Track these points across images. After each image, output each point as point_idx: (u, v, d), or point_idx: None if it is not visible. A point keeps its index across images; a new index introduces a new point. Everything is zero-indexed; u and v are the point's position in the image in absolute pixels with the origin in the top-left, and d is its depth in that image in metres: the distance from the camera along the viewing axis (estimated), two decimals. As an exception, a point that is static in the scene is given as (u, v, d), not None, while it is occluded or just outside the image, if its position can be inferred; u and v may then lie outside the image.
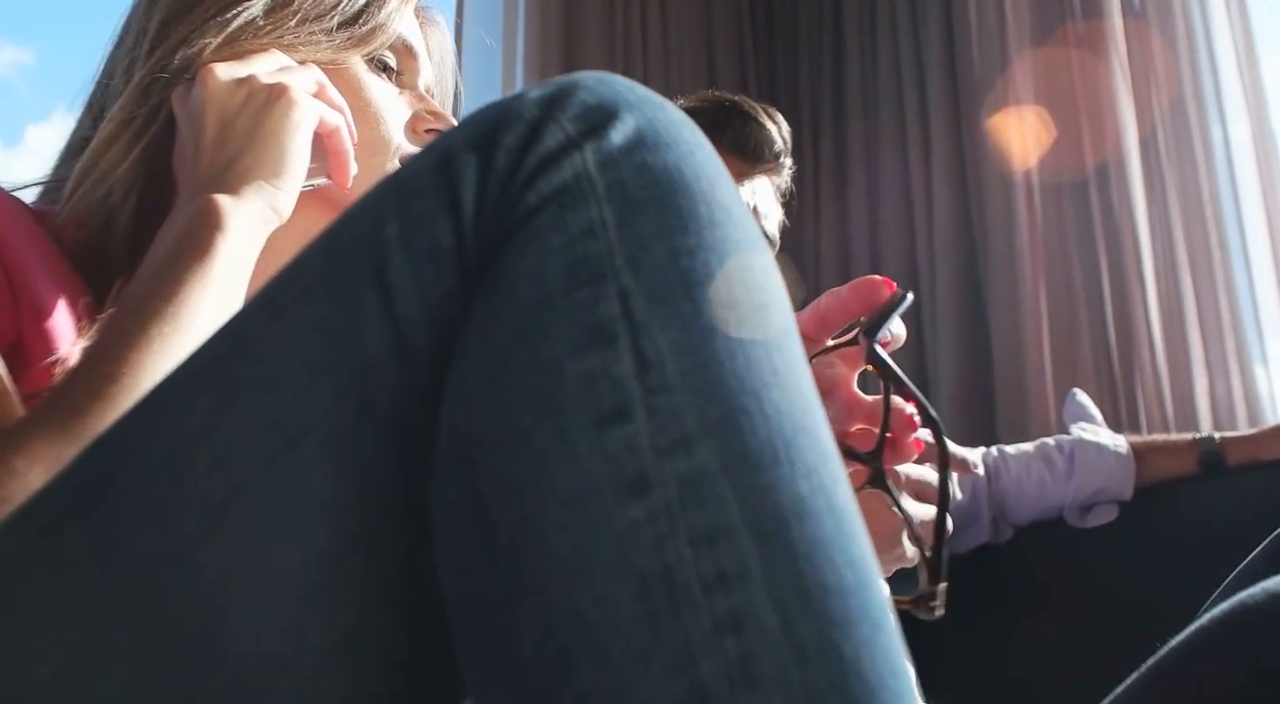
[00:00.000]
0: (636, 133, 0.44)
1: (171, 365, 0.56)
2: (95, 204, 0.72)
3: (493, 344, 0.41)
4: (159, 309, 0.59)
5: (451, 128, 0.47)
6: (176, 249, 0.63)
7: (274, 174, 0.69)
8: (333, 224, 0.46)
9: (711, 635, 0.35)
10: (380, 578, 0.42)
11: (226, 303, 0.63)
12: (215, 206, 0.65)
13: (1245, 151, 2.12)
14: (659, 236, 0.42)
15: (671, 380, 0.39)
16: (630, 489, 0.37)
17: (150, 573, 0.40)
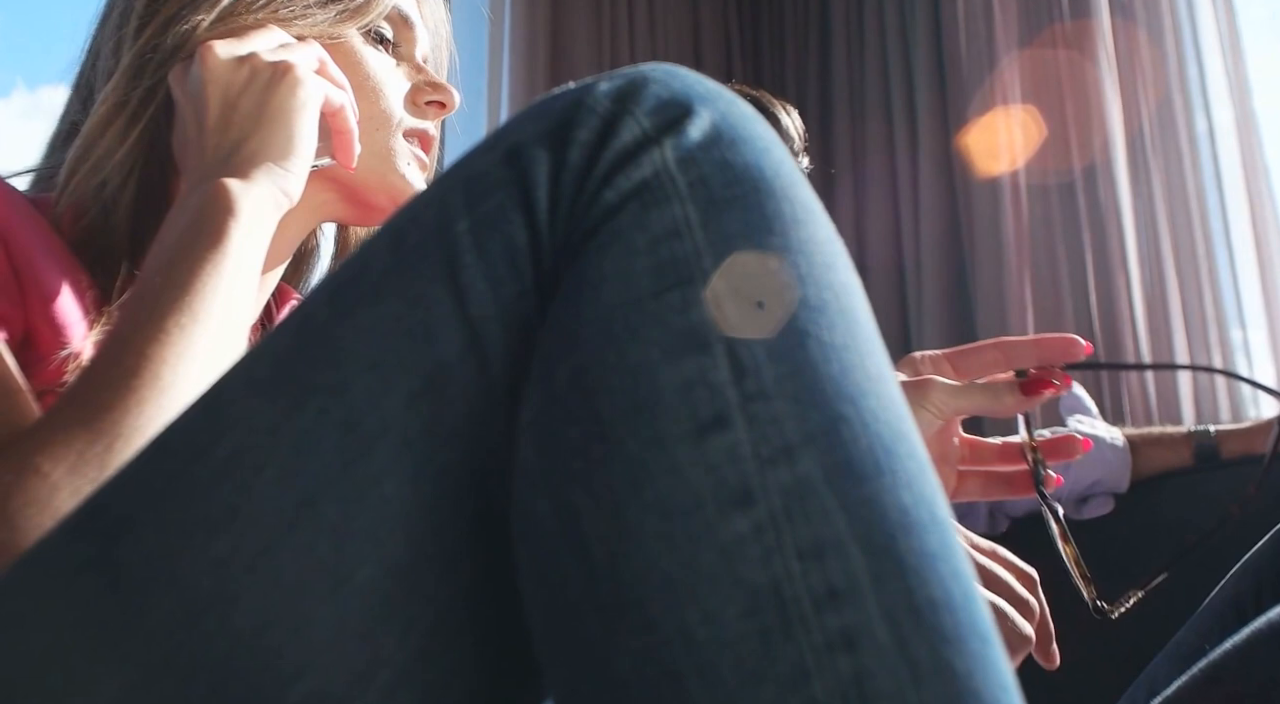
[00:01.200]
0: (713, 128, 0.43)
1: (192, 357, 0.55)
2: (93, 191, 0.70)
3: (577, 348, 0.39)
4: (175, 300, 0.57)
5: (514, 120, 0.45)
6: (188, 236, 0.61)
7: (282, 156, 0.67)
8: (394, 219, 0.44)
9: (824, 653, 0.34)
10: (455, 589, 0.41)
11: (242, 290, 0.61)
12: (225, 191, 0.63)
13: (1230, 147, 2.13)
14: (745, 237, 0.41)
15: (769, 387, 0.38)
16: (734, 501, 0.36)
17: (221, 584, 0.38)
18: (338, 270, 0.44)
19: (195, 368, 0.56)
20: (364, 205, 0.79)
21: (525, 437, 0.40)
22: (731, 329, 0.39)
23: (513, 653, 0.42)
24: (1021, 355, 0.71)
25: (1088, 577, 0.66)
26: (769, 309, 0.39)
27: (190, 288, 0.58)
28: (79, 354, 0.64)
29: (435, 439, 0.40)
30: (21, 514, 0.49)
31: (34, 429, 0.53)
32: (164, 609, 0.38)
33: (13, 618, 0.39)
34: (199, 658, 0.38)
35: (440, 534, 0.40)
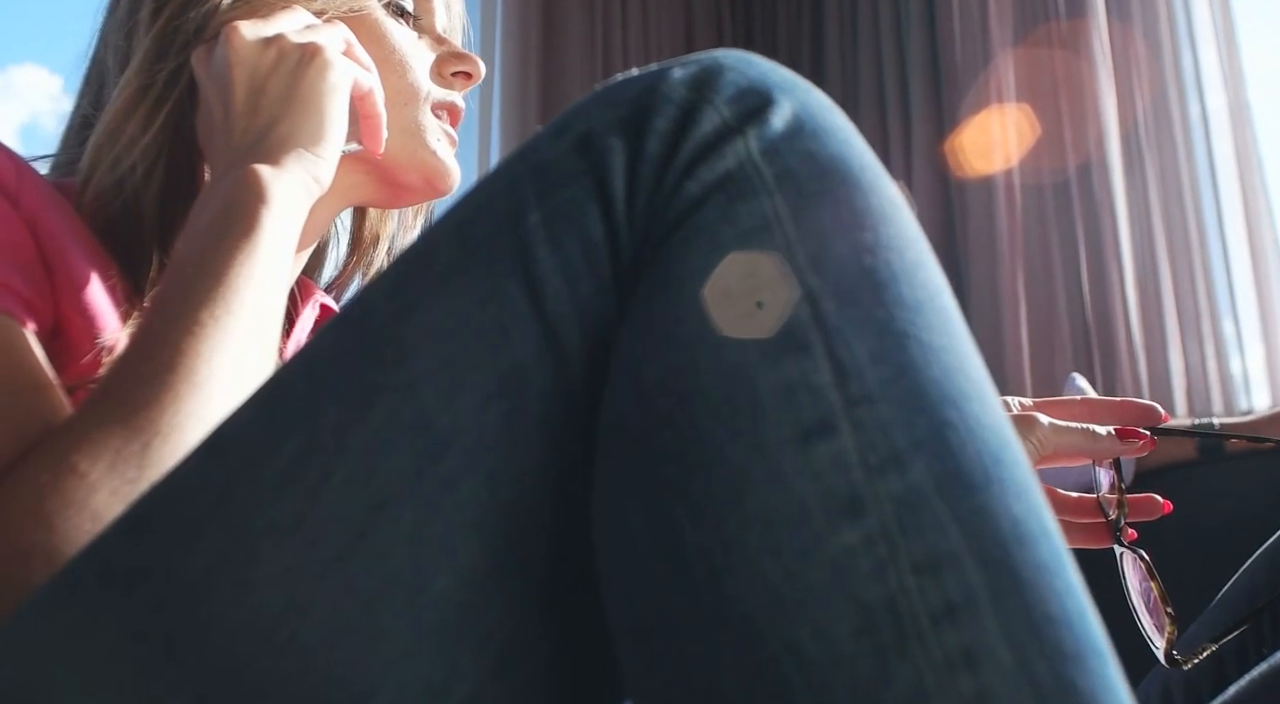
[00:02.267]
0: (795, 118, 0.41)
1: (226, 350, 0.53)
2: (118, 179, 0.67)
3: (666, 348, 0.38)
4: (209, 291, 0.55)
5: (581, 106, 0.43)
6: (220, 225, 0.58)
7: (314, 141, 0.64)
8: (455, 210, 0.42)
9: (944, 672, 0.33)
10: (531, 599, 0.39)
11: (275, 280, 0.59)
12: (257, 178, 0.60)
13: (1224, 143, 2.13)
14: (838, 233, 0.39)
15: (873, 390, 0.36)
16: (843, 511, 0.34)
17: (291, 594, 0.36)
18: (397, 263, 0.42)
19: (230, 361, 0.54)
20: (395, 185, 0.76)
21: (608, 441, 0.38)
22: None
23: (588, 666, 0.40)
24: (1104, 413, 0.76)
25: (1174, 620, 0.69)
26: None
27: (223, 279, 0.56)
28: (112, 347, 0.61)
29: (511, 442, 0.39)
30: (60, 516, 0.47)
31: (68, 426, 0.51)
32: (229, 621, 0.36)
33: (61, 634, 0.37)
34: (268, 674, 0.36)
35: (516, 542, 0.39)
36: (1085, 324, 2.18)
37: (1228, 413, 2.10)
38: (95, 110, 0.72)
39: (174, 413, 0.51)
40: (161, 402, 0.51)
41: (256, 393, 0.41)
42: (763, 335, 0.37)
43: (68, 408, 0.56)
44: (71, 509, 0.47)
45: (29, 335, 0.57)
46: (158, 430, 0.50)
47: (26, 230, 0.60)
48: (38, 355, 0.56)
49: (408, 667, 0.37)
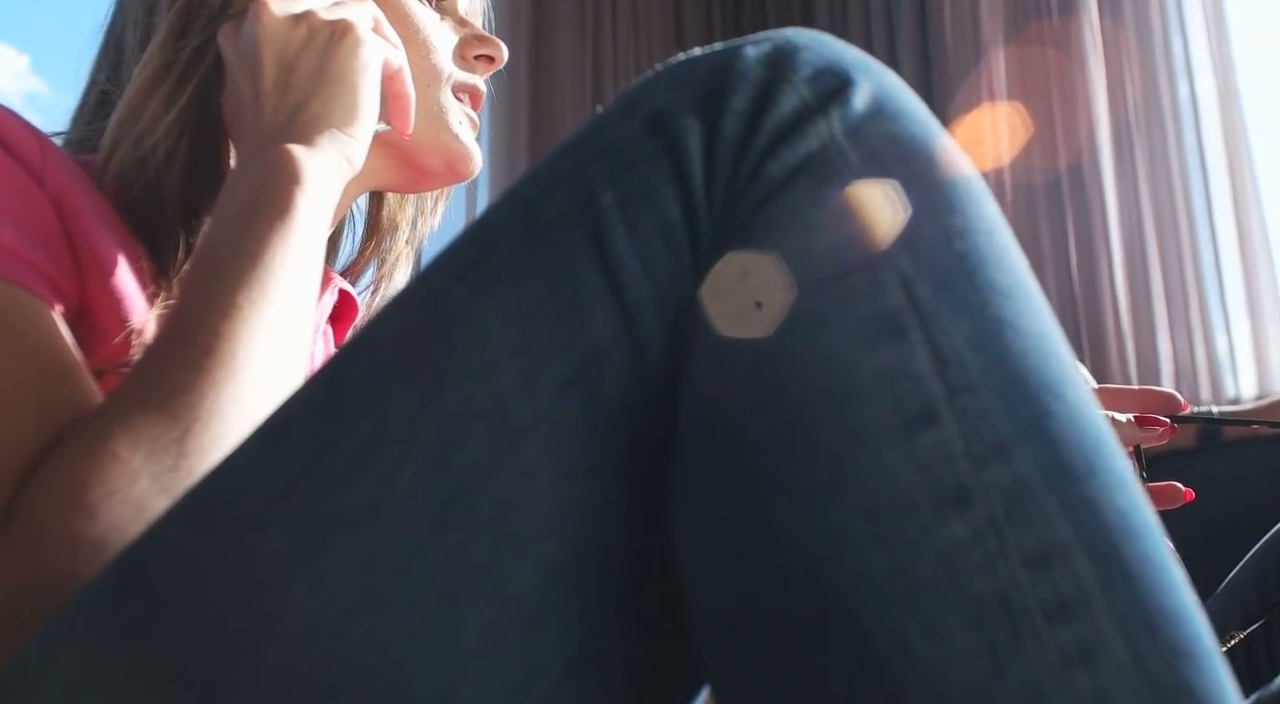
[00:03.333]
0: (875, 100, 0.40)
1: (264, 334, 0.52)
2: (141, 159, 0.65)
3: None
4: (244, 274, 0.54)
5: (647, 84, 0.42)
6: (253, 206, 0.57)
7: (346, 121, 0.62)
8: (518, 191, 0.41)
9: (1059, 670, 0.32)
10: (610, 592, 0.38)
11: (310, 263, 0.57)
12: (290, 158, 0.59)
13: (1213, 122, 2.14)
14: (927, 216, 0.38)
15: (974, 378, 0.35)
16: (949, 503, 0.33)
17: (367, 588, 0.35)
18: (459, 245, 0.41)
19: (267, 344, 0.52)
20: (415, 169, 0.74)
21: (692, 429, 0.37)
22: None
23: (664, 661, 0.39)
24: (1125, 401, 0.78)
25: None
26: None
27: (258, 261, 0.54)
28: (141, 331, 0.60)
29: (589, 430, 0.37)
30: (104, 504, 0.45)
31: (103, 412, 0.49)
32: (303, 615, 0.35)
33: (125, 630, 0.36)
34: (346, 669, 0.35)
35: (595, 533, 0.37)
36: (1074, 311, 2.19)
37: (1215, 400, 2.11)
38: (112, 86, 0.70)
39: (213, 398, 0.49)
40: (200, 387, 0.49)
41: (316, 378, 0.40)
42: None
43: (97, 392, 0.54)
44: (116, 498, 0.46)
45: (57, 317, 0.55)
46: (197, 416, 0.48)
47: (52, 209, 0.58)
48: (66, 338, 0.54)
49: (488, 664, 0.35)
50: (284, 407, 0.39)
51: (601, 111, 0.42)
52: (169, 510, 0.38)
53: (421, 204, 0.86)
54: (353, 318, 0.82)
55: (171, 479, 0.46)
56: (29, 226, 0.56)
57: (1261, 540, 1.11)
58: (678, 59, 0.43)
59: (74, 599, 0.37)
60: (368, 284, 0.86)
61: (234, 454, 0.39)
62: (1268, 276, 2.09)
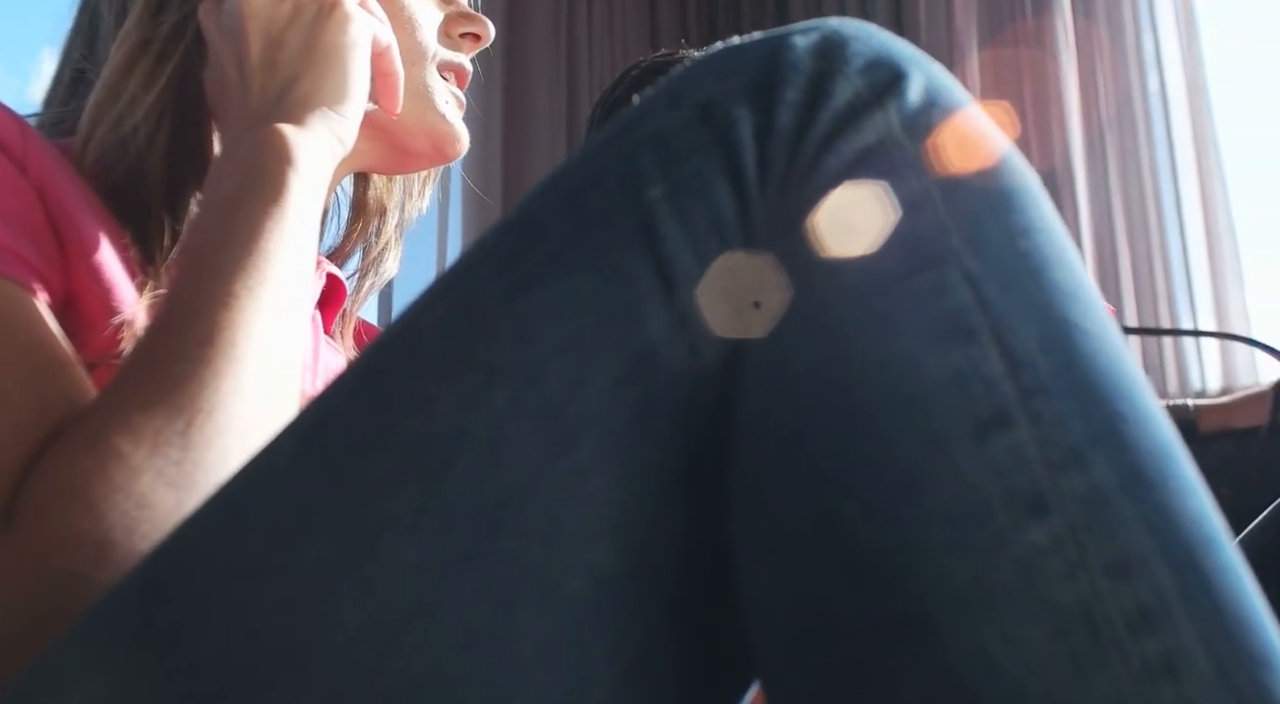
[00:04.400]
0: (928, 93, 0.39)
1: (263, 322, 0.50)
2: (121, 141, 0.62)
3: (818, 334, 0.35)
4: (239, 260, 0.51)
5: (692, 73, 0.40)
6: (245, 189, 0.54)
7: (337, 99, 0.60)
8: (559, 180, 0.39)
9: (1143, 682, 0.31)
10: (663, 599, 0.36)
11: (305, 245, 0.55)
12: (281, 138, 0.56)
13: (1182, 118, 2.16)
14: (989, 213, 0.37)
15: (1046, 381, 0.34)
16: (1027, 509, 0.32)
17: (418, 594, 0.34)
18: (498, 236, 0.39)
19: (266, 332, 0.50)
20: (402, 150, 0.72)
21: (751, 432, 0.36)
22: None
23: (713, 668, 0.38)
24: None
25: None
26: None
27: (254, 246, 0.52)
28: (132, 322, 0.57)
29: (643, 431, 0.36)
30: (107, 502, 0.43)
31: (103, 407, 0.47)
32: (351, 624, 0.33)
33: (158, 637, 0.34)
34: (396, 681, 0.33)
35: (647, 538, 0.36)
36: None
37: (1182, 393, 2.13)
38: (88, 63, 0.67)
39: (214, 390, 0.47)
40: (201, 378, 0.47)
41: (351, 376, 0.38)
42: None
43: (91, 387, 0.52)
44: (119, 495, 0.44)
45: (46, 311, 0.52)
46: (199, 408, 0.46)
47: (35, 196, 0.55)
48: (57, 332, 0.52)
49: (542, 673, 0.34)
50: (317, 405, 0.37)
51: (642, 100, 0.41)
52: (195, 515, 0.36)
53: (409, 186, 0.83)
54: (340, 302, 0.80)
55: (177, 473, 0.45)
56: (14, 217, 0.53)
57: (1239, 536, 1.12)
58: (720, 47, 0.41)
59: (97, 610, 0.35)
60: (355, 269, 0.83)
61: (264, 455, 0.37)
62: (1234, 272, 2.11)
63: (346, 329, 0.80)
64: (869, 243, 0.36)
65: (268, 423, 0.48)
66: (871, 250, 0.36)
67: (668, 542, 0.36)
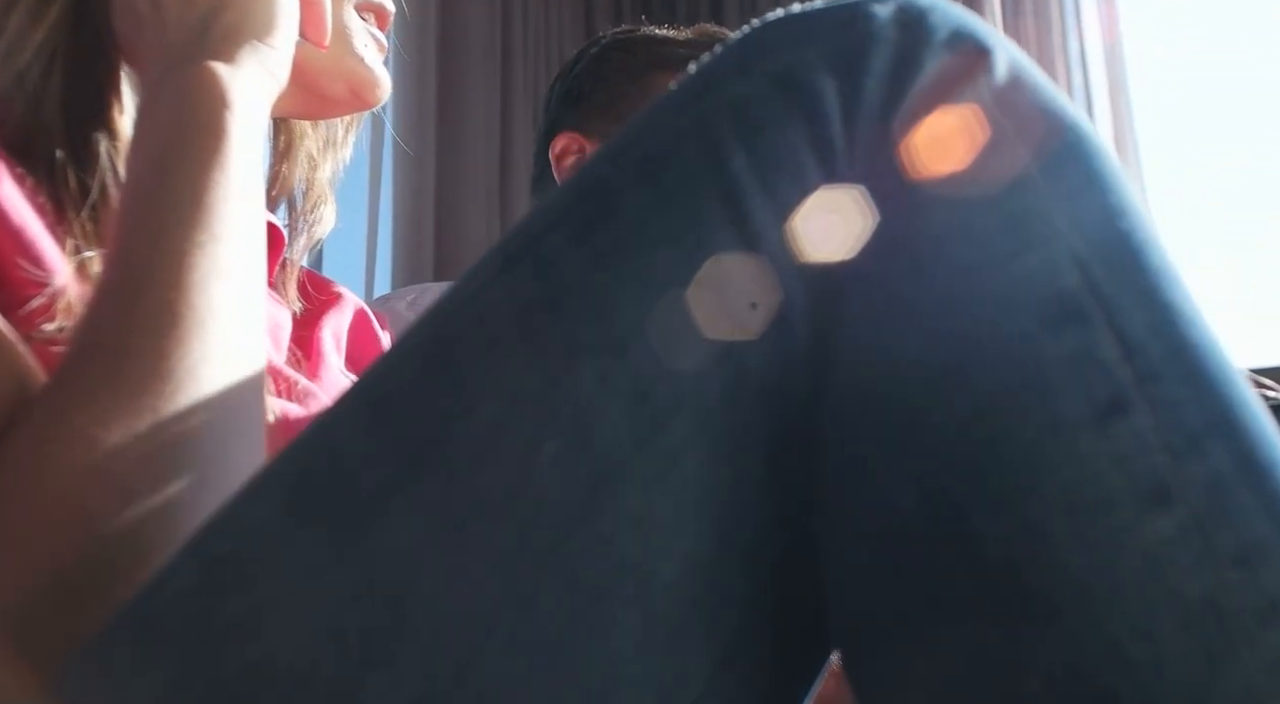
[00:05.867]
0: (1013, 69, 0.38)
1: (220, 279, 0.46)
2: (12, 83, 0.56)
3: (922, 313, 0.34)
4: (187, 215, 0.47)
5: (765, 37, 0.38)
6: (181, 137, 0.50)
7: (266, 30, 0.55)
8: (630, 144, 0.37)
9: (1273, 676, 0.30)
10: (755, 585, 0.35)
11: (253, 192, 0.51)
12: (214, 78, 0.51)
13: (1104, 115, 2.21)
14: (1087, 193, 0.36)
15: (1159, 367, 0.33)
16: (1151, 498, 0.31)
17: (512, 584, 0.32)
18: (564, 203, 0.37)
19: (226, 290, 0.46)
20: (317, 96, 0.65)
21: (849, 414, 0.34)
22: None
23: (799, 653, 0.37)
24: None
25: None
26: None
27: (199, 199, 0.48)
28: (63, 290, 0.52)
29: (733, 412, 0.34)
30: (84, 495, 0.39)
31: (59, 389, 0.43)
32: (441, 614, 0.31)
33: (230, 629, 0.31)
34: (492, 677, 0.31)
35: (740, 524, 0.35)
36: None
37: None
38: None
39: (182, 356, 0.43)
40: (163, 348, 0.43)
41: (414, 351, 0.35)
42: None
43: (35, 363, 0.47)
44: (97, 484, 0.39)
45: None
46: (169, 378, 0.43)
47: None
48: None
49: (640, 665, 0.32)
50: (377, 381, 0.35)
51: (706, 65, 0.39)
52: (251, 498, 0.34)
53: (331, 133, 0.76)
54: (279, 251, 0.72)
55: (156, 453, 0.40)
56: None
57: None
58: (785, 12, 0.40)
59: (150, 599, 0.32)
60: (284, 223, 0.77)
61: (324, 433, 0.34)
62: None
63: (289, 279, 0.74)
64: (971, 218, 0.35)
65: (240, 389, 0.45)
66: (975, 227, 0.34)
67: (757, 525, 0.35)
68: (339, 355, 0.75)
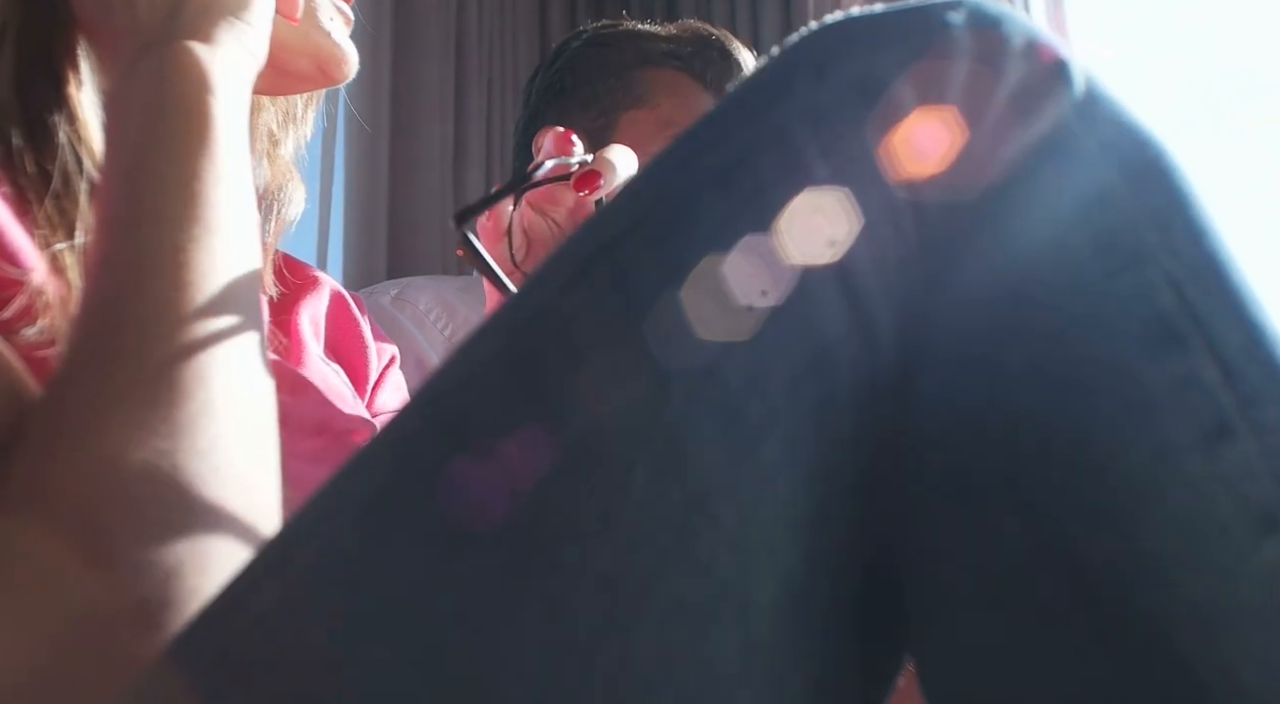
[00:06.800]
0: (1089, 82, 0.37)
1: (219, 275, 0.44)
2: None
3: (1021, 332, 0.33)
4: (179, 207, 0.44)
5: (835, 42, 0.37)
6: (163, 124, 0.47)
7: (241, 4, 0.52)
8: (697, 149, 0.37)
9: None
10: (845, 605, 0.35)
11: (242, 178, 0.48)
12: (193, 59, 0.48)
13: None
14: (1174, 211, 0.36)
15: (1259, 390, 0.33)
16: (1262, 523, 0.31)
17: (614, 610, 0.30)
18: (634, 210, 0.36)
19: (226, 285, 0.44)
20: (282, 72, 0.62)
21: (943, 435, 0.34)
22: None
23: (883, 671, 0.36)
24: None
25: None
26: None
27: (191, 190, 0.45)
28: (42, 288, 0.49)
29: (822, 431, 0.33)
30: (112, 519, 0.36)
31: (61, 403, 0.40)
32: (542, 644, 0.30)
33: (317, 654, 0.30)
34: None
35: (831, 545, 0.34)
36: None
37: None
38: None
39: (189, 361, 0.41)
40: (171, 353, 0.41)
41: (488, 360, 0.34)
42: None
43: (28, 374, 0.43)
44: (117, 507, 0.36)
45: None
46: (178, 385, 0.40)
47: None
48: None
49: (742, 693, 0.32)
50: (452, 393, 0.33)
51: (774, 68, 0.38)
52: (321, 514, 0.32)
53: (290, 108, 0.73)
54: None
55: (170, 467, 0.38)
56: None
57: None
58: (851, 15, 0.39)
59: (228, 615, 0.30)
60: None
61: (398, 448, 0.33)
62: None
63: (265, 264, 0.71)
64: (1062, 236, 0.34)
65: (249, 391, 0.42)
66: (1067, 245, 0.34)
67: (842, 546, 0.34)
68: (318, 342, 0.72)
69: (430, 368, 1.03)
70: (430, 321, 1.06)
